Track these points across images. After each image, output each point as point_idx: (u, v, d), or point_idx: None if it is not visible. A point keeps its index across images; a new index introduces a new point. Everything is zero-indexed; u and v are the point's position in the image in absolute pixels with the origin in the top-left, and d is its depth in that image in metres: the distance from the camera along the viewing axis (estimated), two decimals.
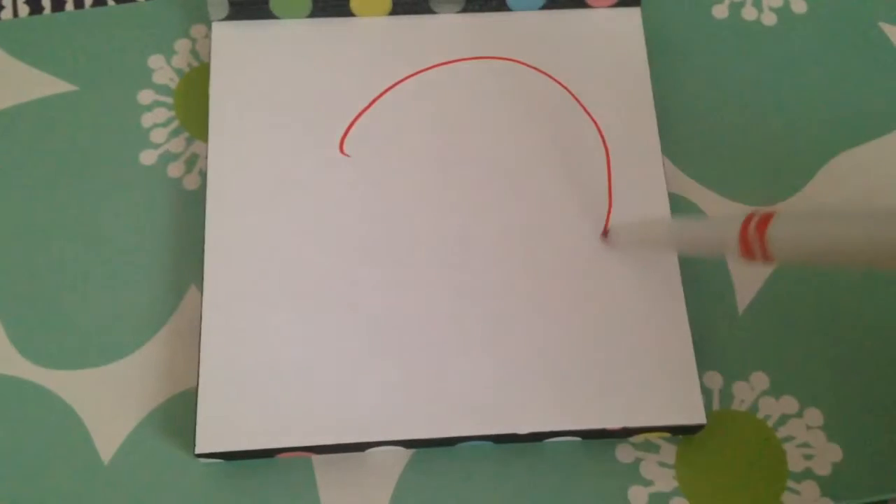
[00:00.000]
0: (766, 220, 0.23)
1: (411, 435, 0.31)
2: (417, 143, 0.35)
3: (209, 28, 0.38)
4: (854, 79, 0.38)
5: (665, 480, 0.32)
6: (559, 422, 0.31)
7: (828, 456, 0.32)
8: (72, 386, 0.33)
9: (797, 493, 0.32)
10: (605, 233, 0.33)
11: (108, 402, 0.32)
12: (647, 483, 0.32)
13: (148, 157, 0.36)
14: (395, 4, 0.36)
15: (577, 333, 0.32)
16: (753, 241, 0.23)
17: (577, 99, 0.35)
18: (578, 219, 0.34)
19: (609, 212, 0.34)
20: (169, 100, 0.37)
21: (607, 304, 0.32)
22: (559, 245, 0.33)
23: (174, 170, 0.36)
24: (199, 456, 0.30)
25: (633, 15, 0.37)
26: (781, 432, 0.32)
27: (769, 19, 0.39)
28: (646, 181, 0.34)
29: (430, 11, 0.37)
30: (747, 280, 0.34)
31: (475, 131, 0.35)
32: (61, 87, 0.37)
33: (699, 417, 0.31)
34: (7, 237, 0.35)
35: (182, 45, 0.38)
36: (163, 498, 0.31)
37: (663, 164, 0.34)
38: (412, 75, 0.36)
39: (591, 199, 0.34)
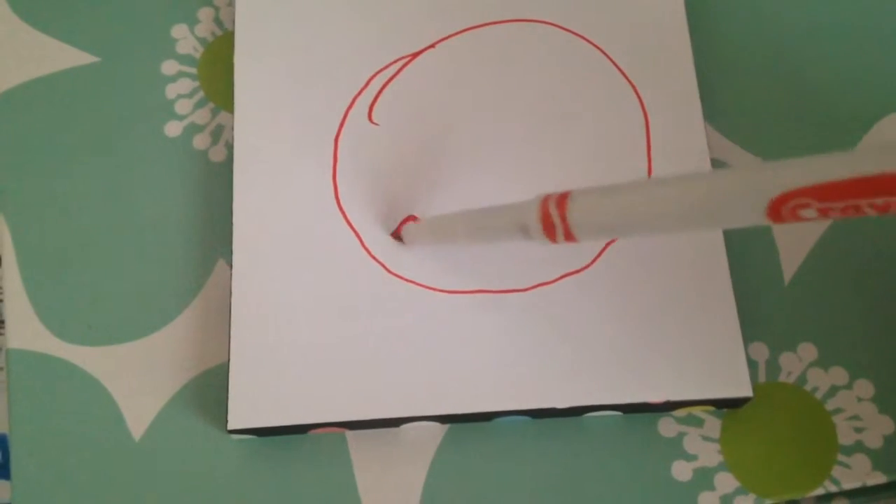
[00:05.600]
0: (563, 198, 0.23)
1: (447, 410, 0.30)
2: (449, 110, 0.34)
3: None
4: None
5: (710, 455, 0.31)
6: (599, 396, 0.30)
7: (879, 428, 0.31)
8: (101, 362, 0.32)
9: (848, 466, 0.31)
10: (397, 233, 0.32)
11: (138, 378, 0.32)
12: (691, 458, 0.31)
13: (173, 129, 0.35)
14: None
15: (617, 305, 0.31)
16: (556, 220, 0.23)
17: (614, 62, 0.34)
18: None
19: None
20: (193, 70, 0.36)
21: (648, 274, 0.31)
22: None
23: (200, 141, 0.35)
24: (232, 432, 0.30)
25: None
26: (830, 405, 0.31)
27: None
28: (687, 146, 0.33)
29: None
30: (793, 247, 0.33)
31: (509, 96, 0.34)
32: (84, 58, 0.36)
33: (745, 390, 0.30)
34: (32, 212, 0.34)
35: (205, 13, 0.37)
36: (195, 475, 0.31)
37: (705, 128, 0.33)
38: (443, 39, 0.35)
39: (629, 166, 0.33)
